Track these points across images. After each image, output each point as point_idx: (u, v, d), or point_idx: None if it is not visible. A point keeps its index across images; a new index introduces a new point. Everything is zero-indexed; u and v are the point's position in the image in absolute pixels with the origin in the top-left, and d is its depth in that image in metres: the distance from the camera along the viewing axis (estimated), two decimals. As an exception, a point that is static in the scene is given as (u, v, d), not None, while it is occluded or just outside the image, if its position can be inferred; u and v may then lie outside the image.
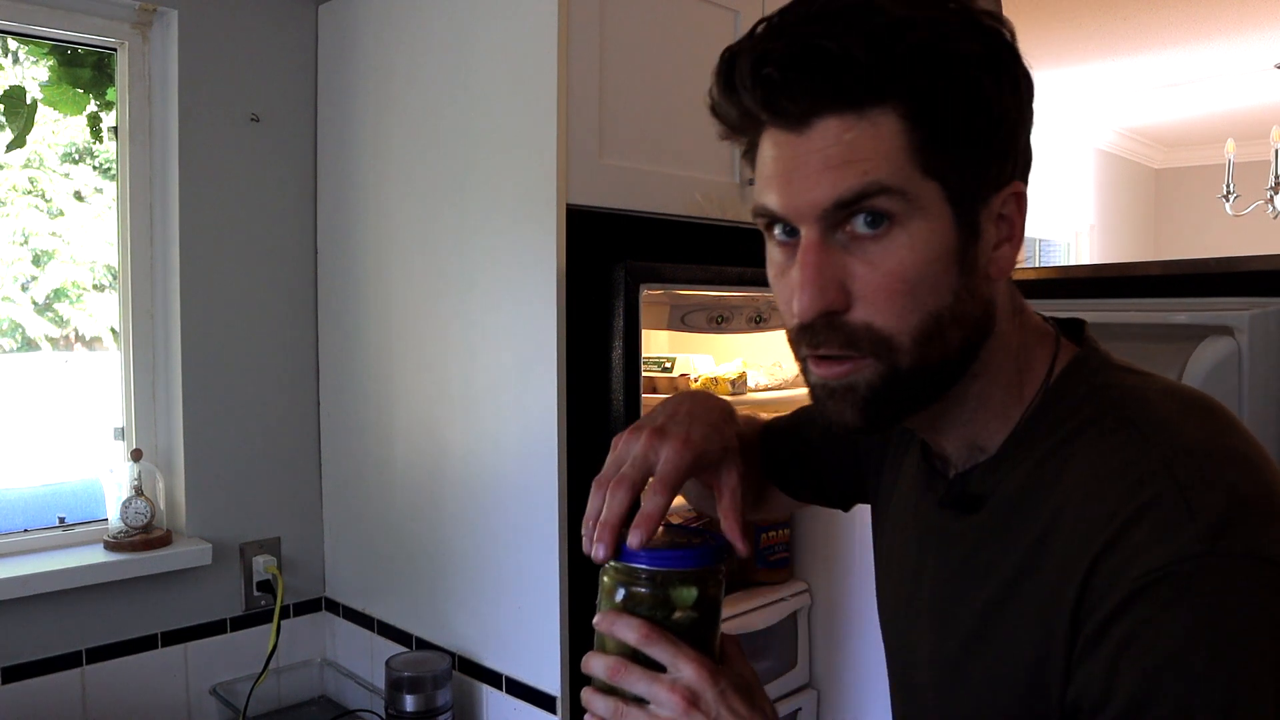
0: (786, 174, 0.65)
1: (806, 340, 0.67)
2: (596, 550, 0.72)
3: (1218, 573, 0.57)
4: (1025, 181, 0.68)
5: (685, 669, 0.68)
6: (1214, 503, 0.59)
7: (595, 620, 0.73)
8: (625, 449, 0.78)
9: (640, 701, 0.70)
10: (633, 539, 0.71)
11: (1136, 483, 0.61)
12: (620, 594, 0.71)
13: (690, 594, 0.70)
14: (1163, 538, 0.58)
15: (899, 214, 0.63)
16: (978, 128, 0.63)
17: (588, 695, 0.73)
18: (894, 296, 0.64)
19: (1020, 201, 0.68)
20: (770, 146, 0.67)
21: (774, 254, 0.70)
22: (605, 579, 0.73)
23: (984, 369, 0.70)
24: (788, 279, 0.67)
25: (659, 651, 0.69)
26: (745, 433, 0.92)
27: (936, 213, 0.64)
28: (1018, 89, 0.65)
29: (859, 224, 0.64)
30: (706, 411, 0.82)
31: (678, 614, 0.71)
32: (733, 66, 0.67)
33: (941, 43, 0.62)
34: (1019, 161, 0.67)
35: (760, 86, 0.64)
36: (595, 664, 0.72)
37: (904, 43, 0.61)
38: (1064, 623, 0.62)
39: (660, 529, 0.73)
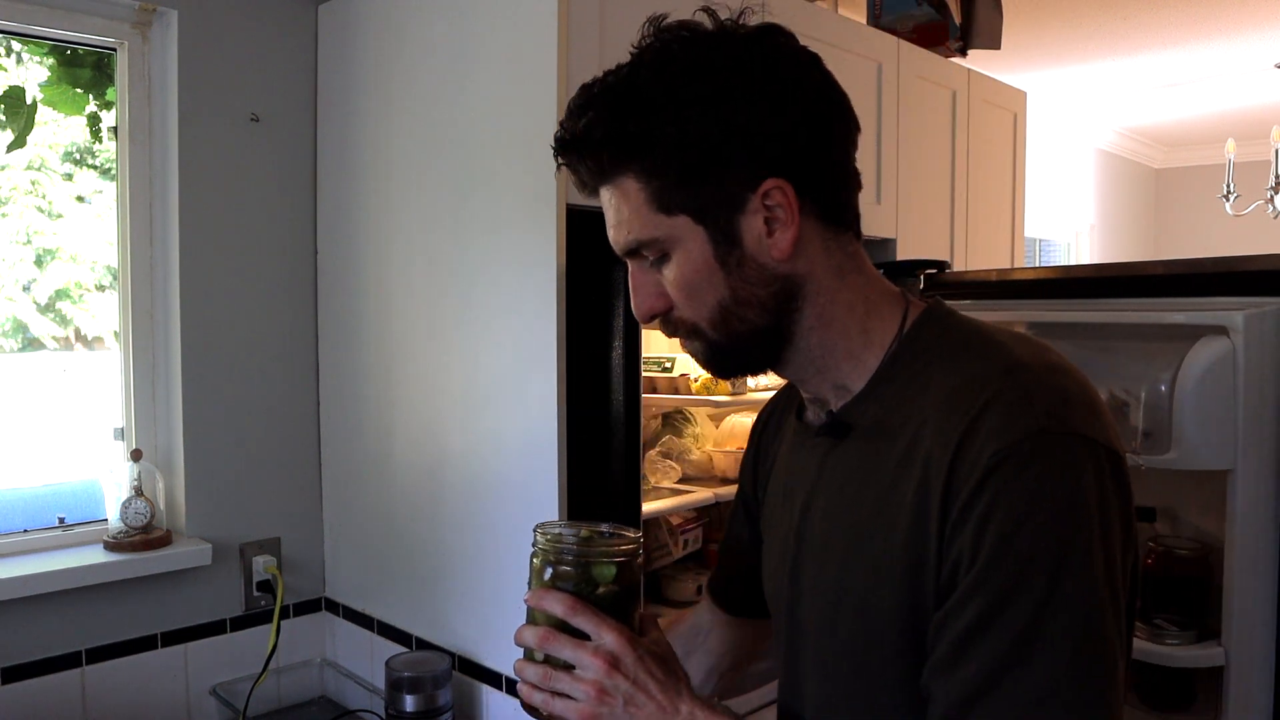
0: (607, 222, 0.83)
1: (663, 329, 0.86)
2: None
3: (1054, 446, 0.69)
4: (802, 170, 0.78)
5: (607, 637, 0.79)
6: (1048, 396, 0.72)
7: (525, 597, 0.84)
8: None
9: (568, 667, 0.80)
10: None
11: (983, 385, 0.73)
12: (548, 573, 0.82)
13: (610, 571, 0.81)
14: (1008, 423, 0.70)
15: (665, 250, 0.80)
16: (694, 162, 0.77)
17: (519, 664, 0.84)
18: (682, 301, 0.82)
19: (783, 193, 0.78)
20: None
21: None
22: (535, 560, 0.84)
23: (819, 323, 0.82)
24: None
25: (583, 622, 0.80)
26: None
27: (690, 237, 0.79)
28: (751, 96, 0.76)
29: (650, 260, 0.82)
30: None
31: (600, 589, 0.80)
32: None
33: (643, 107, 0.77)
34: (768, 158, 0.77)
35: (561, 163, 0.84)
36: (526, 635, 0.83)
37: (618, 120, 0.77)
38: (936, 509, 0.72)
39: (583, 525, 0.86)
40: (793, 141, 0.78)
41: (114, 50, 1.76)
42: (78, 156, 1.86)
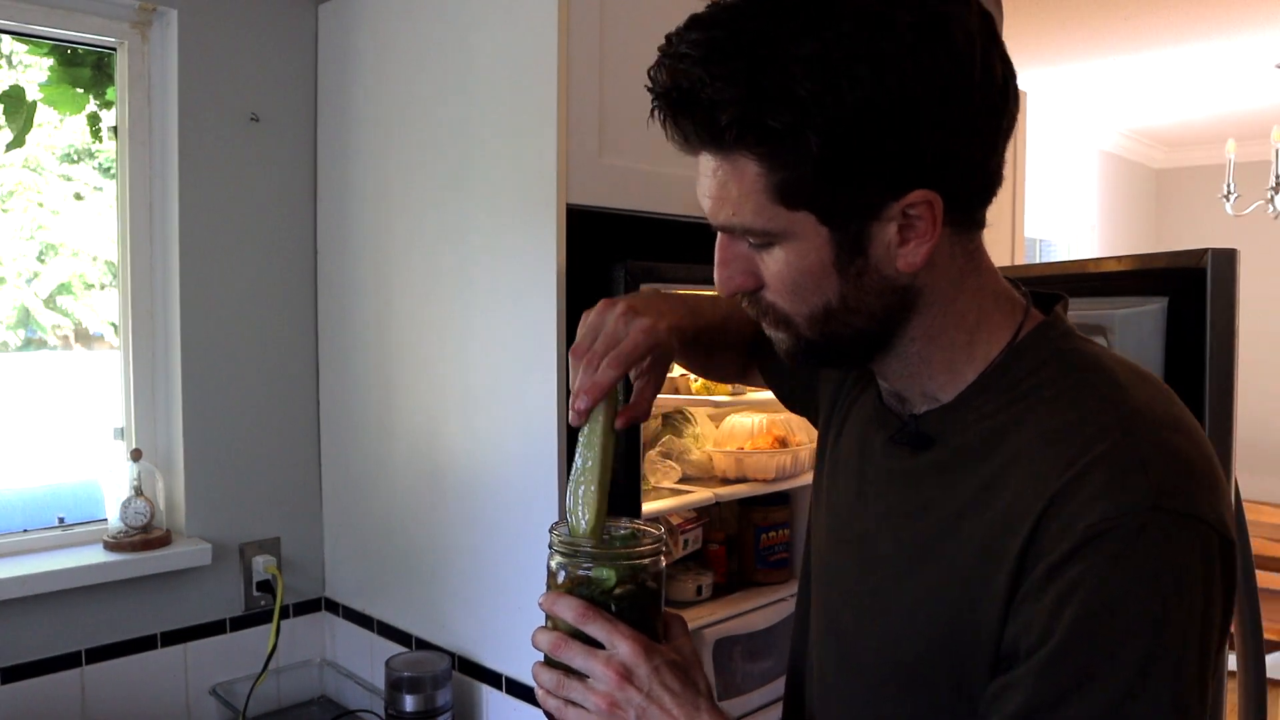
0: (698, 184, 0.74)
1: (746, 308, 0.78)
2: (577, 404, 0.81)
3: (1162, 530, 0.62)
4: (946, 180, 0.68)
5: (621, 646, 0.74)
6: (1166, 464, 0.64)
7: (539, 600, 0.79)
8: (599, 320, 0.85)
9: (582, 675, 0.75)
10: (579, 403, 0.81)
11: (1094, 435, 0.65)
12: (562, 575, 0.78)
13: (626, 574, 0.76)
14: (1116, 489, 0.63)
15: (779, 236, 0.70)
16: (836, 165, 0.66)
17: (536, 668, 0.79)
18: (782, 294, 0.73)
19: (930, 207, 0.68)
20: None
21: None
22: (551, 563, 0.79)
23: (923, 334, 0.75)
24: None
25: (596, 629, 0.75)
26: (705, 320, 0.99)
27: (809, 235, 0.70)
28: (916, 101, 0.64)
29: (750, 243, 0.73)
30: (672, 310, 0.90)
31: (617, 592, 0.76)
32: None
33: (797, 86, 0.63)
34: (921, 169, 0.67)
35: (659, 120, 0.72)
36: (540, 639, 0.78)
37: (760, 91, 0.64)
38: (1009, 563, 0.66)
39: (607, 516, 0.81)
40: (953, 152, 0.68)
41: (114, 50, 1.76)
42: (76, 156, 1.86)
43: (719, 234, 0.74)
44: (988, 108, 0.68)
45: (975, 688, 0.68)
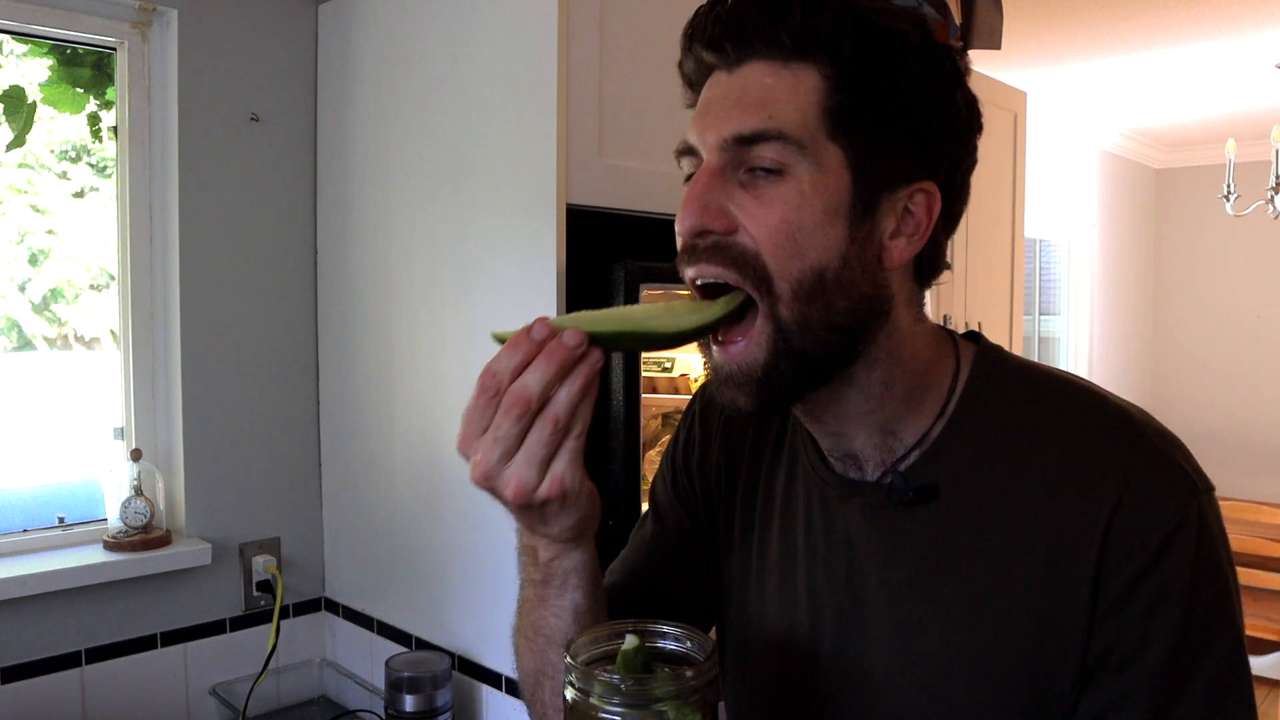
0: (706, 106, 0.69)
1: (689, 260, 0.68)
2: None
3: (1210, 509, 0.67)
4: (945, 190, 0.69)
5: None
6: (1176, 451, 0.68)
7: None
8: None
9: None
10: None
11: (1114, 446, 0.67)
12: None
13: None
14: (1169, 488, 0.66)
15: (793, 166, 0.65)
16: (895, 110, 0.66)
17: None
18: (778, 237, 0.65)
19: (930, 201, 0.68)
20: (706, 89, 0.71)
21: (684, 179, 0.72)
22: (566, 695, 0.62)
23: (886, 357, 0.70)
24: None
25: None
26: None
27: (834, 173, 0.66)
28: (950, 102, 0.68)
29: (757, 169, 0.66)
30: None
31: None
32: (694, 19, 0.71)
33: (881, 20, 0.66)
34: (938, 165, 0.69)
35: (710, 25, 0.69)
36: None
37: (844, 7, 0.66)
38: (1080, 589, 0.65)
39: (631, 628, 0.64)
40: (960, 154, 0.71)
41: (114, 50, 1.76)
42: (74, 155, 1.86)
43: (704, 166, 0.68)
44: (976, 132, 0.72)
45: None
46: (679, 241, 0.70)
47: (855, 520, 0.75)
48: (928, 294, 0.77)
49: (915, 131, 0.67)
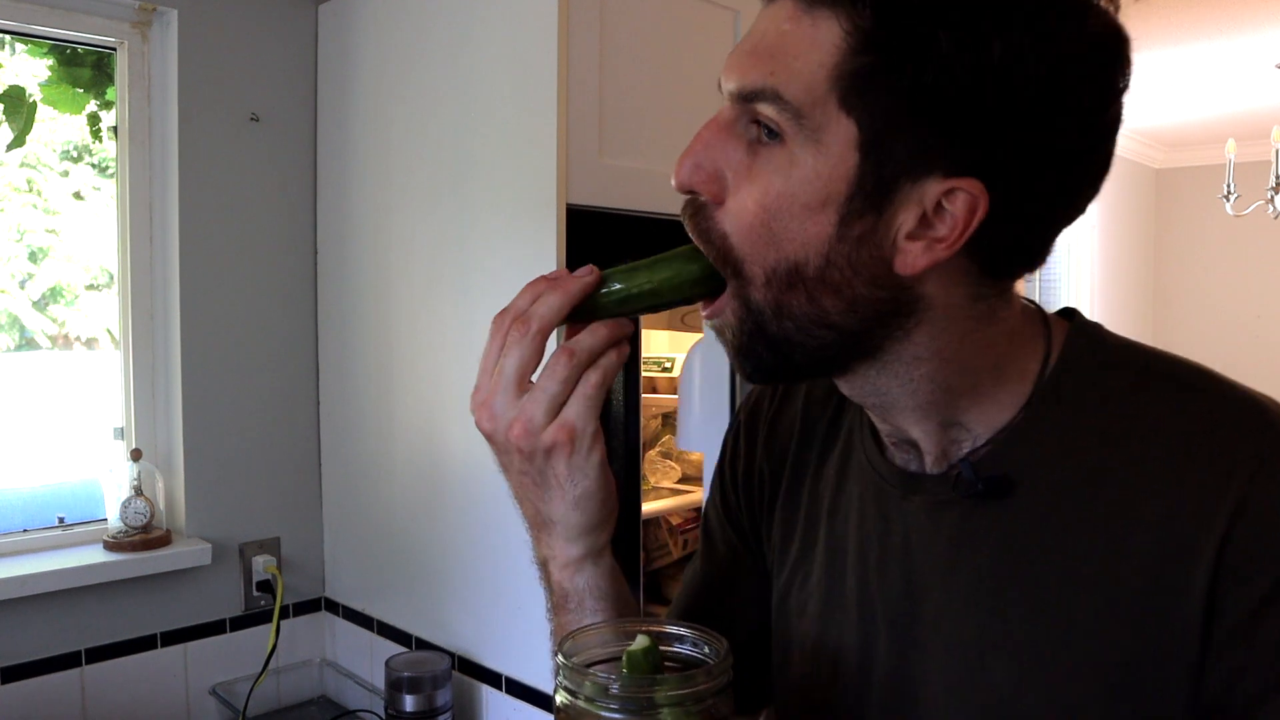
0: (739, 45, 0.59)
1: (683, 215, 0.62)
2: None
3: None
4: (1005, 189, 0.54)
5: None
6: None
7: None
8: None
9: None
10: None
11: (1248, 437, 0.56)
12: None
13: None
14: None
15: (789, 134, 0.55)
16: (931, 87, 0.51)
17: None
18: (749, 219, 0.57)
19: (972, 204, 0.54)
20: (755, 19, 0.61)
21: None
22: (557, 698, 0.57)
23: (932, 355, 0.60)
24: None
25: None
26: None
27: (836, 153, 0.54)
28: (1046, 76, 0.52)
29: (764, 125, 0.56)
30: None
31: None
32: None
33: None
34: (995, 159, 0.54)
35: None
36: None
37: None
38: (1191, 601, 0.54)
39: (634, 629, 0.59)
40: (1038, 162, 0.54)
41: (114, 50, 1.76)
42: (75, 155, 1.86)
43: (715, 116, 0.59)
44: (1090, 145, 0.56)
45: None
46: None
47: (916, 520, 0.65)
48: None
49: (961, 114, 0.52)
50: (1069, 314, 0.66)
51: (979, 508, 0.62)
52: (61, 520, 1.75)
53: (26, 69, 1.76)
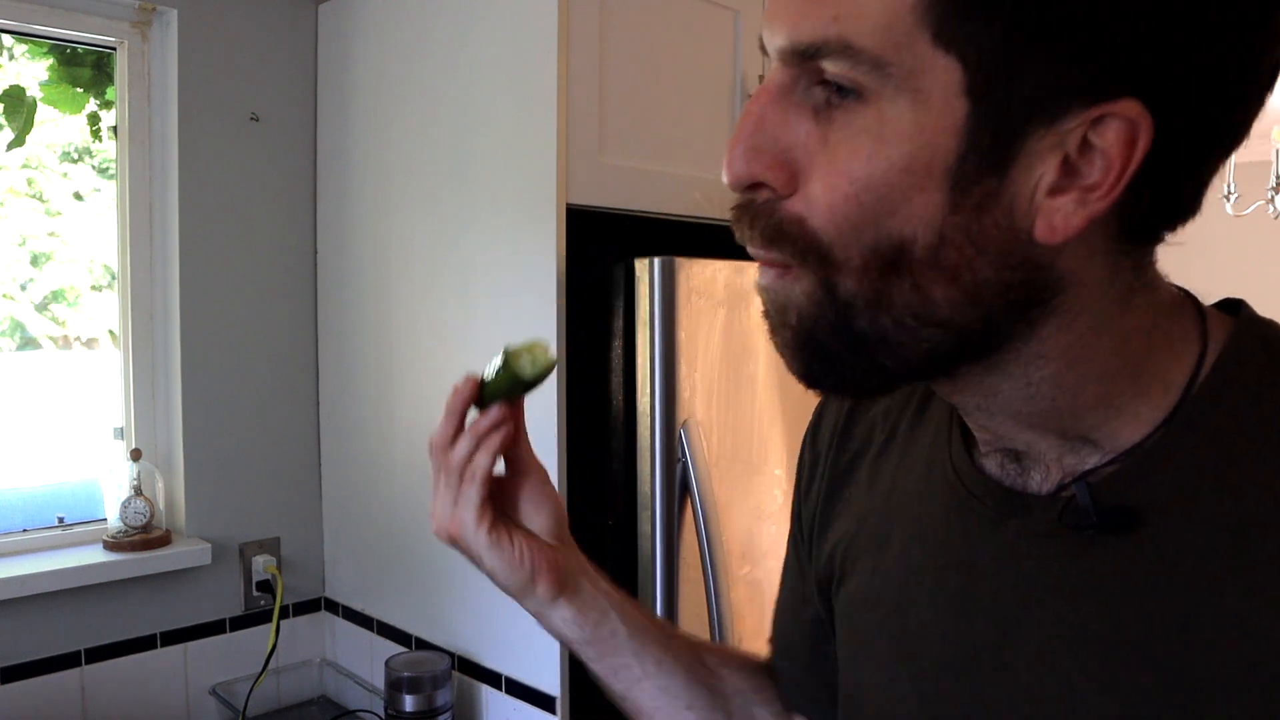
0: None
1: (740, 226, 0.48)
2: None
3: None
4: (1167, 106, 0.42)
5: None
6: None
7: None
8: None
9: None
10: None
11: None
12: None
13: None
14: None
15: (872, 91, 0.43)
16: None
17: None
18: (834, 195, 0.44)
19: (1131, 131, 0.42)
20: None
21: None
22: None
23: (1060, 354, 0.48)
24: None
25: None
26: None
27: (939, 104, 0.43)
28: None
29: (822, 90, 0.45)
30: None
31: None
32: None
33: None
34: (1152, 66, 0.41)
35: None
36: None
37: None
38: None
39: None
40: (1206, 65, 0.42)
41: (114, 50, 1.76)
42: (75, 156, 1.86)
43: (764, 84, 0.47)
44: (1264, 39, 0.43)
45: None
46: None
47: (1011, 551, 0.52)
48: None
49: (1111, 14, 0.40)
50: (1234, 306, 0.53)
51: (1093, 545, 0.49)
52: (61, 520, 1.75)
53: (27, 69, 1.76)
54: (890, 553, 0.61)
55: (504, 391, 0.70)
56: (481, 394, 0.71)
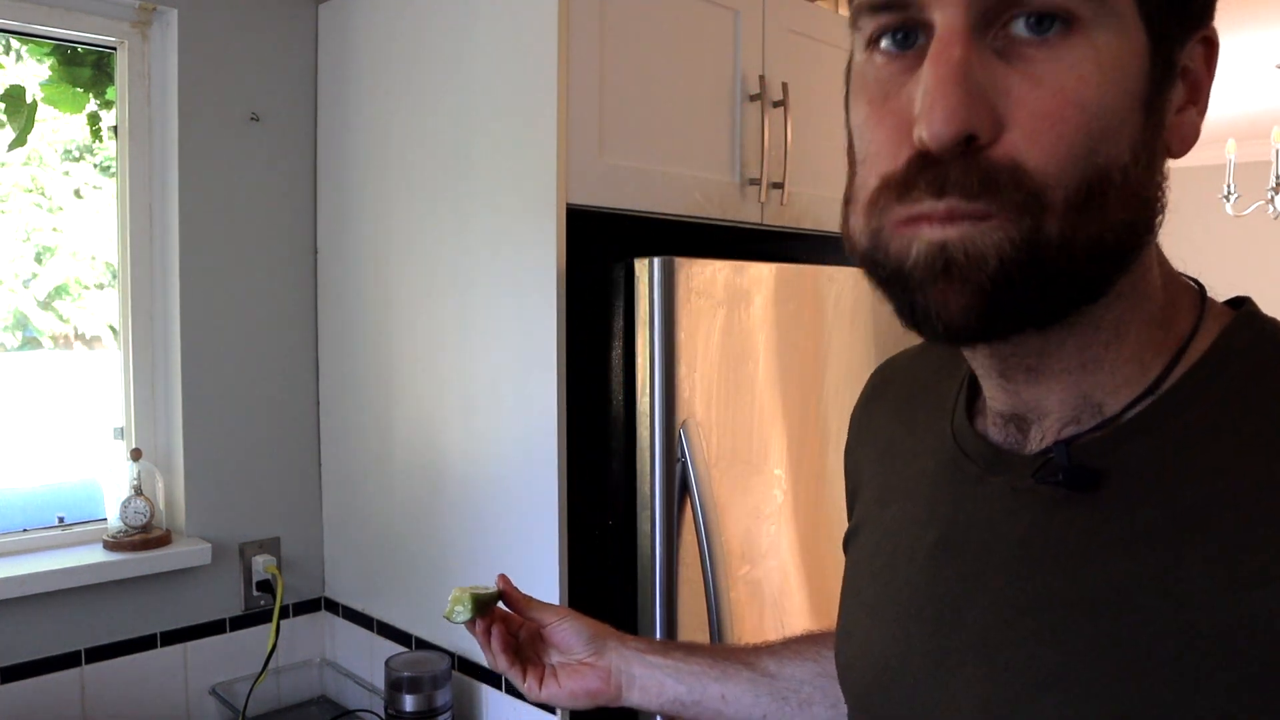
0: None
1: (927, 181, 0.45)
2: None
3: None
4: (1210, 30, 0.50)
5: None
6: None
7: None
8: None
9: None
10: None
11: None
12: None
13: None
14: None
15: (1082, 17, 0.43)
16: None
17: None
18: (1064, 128, 0.43)
19: (1210, 54, 0.49)
20: None
21: (871, 77, 0.48)
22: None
23: (1130, 289, 0.49)
24: (896, 102, 0.46)
25: None
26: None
27: (1131, 28, 0.45)
28: None
29: (1019, 25, 0.44)
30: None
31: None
32: None
33: None
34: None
35: None
36: None
37: None
38: None
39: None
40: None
41: (114, 49, 1.76)
42: (76, 154, 1.86)
43: (948, 32, 0.44)
44: None
45: None
46: (898, 161, 0.46)
47: (989, 507, 0.54)
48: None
49: None
50: (1239, 303, 0.55)
51: (1064, 506, 0.50)
52: (61, 520, 1.75)
53: (27, 69, 1.76)
54: (889, 511, 0.64)
55: (473, 618, 0.95)
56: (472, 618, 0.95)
